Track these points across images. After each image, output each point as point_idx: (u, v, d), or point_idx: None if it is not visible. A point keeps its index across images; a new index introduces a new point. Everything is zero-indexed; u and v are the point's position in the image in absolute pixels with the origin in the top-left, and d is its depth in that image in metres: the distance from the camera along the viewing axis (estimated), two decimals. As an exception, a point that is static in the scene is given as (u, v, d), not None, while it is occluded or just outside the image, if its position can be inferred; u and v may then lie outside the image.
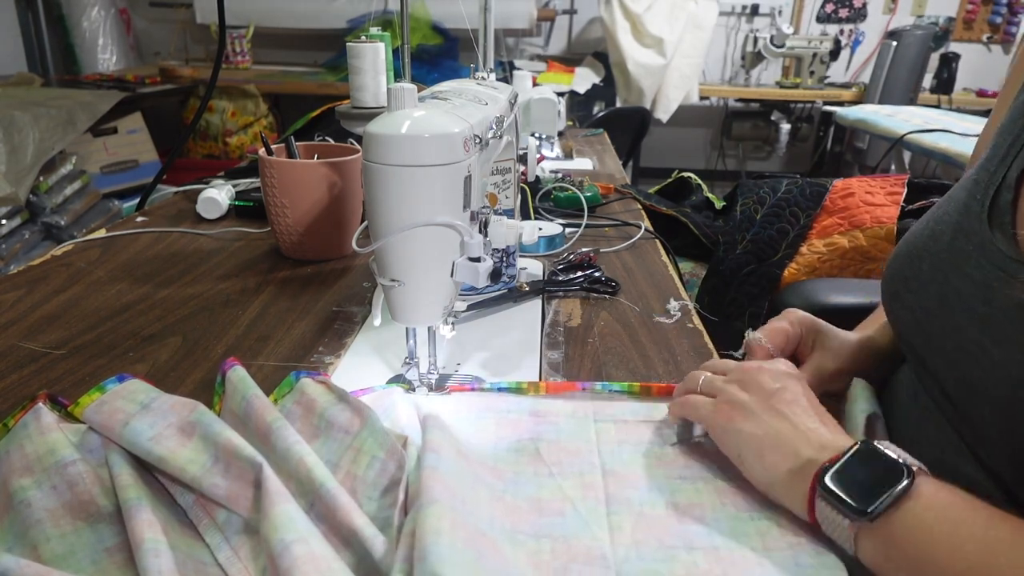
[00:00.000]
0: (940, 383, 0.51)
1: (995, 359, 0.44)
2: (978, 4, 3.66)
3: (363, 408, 0.51)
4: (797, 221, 1.18)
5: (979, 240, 0.49)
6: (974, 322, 0.47)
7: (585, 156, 1.67)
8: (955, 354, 0.48)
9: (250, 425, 0.49)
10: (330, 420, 0.51)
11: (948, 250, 0.51)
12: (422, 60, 3.18)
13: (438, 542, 0.38)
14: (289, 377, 0.55)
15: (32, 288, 0.80)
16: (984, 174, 0.53)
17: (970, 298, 0.48)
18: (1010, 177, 0.50)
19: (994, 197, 0.50)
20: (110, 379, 0.52)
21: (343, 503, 0.42)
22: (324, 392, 0.53)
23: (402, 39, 0.63)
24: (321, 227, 0.89)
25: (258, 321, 0.74)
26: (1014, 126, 0.53)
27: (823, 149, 3.67)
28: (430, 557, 0.37)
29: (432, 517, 0.40)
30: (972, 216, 0.51)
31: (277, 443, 0.46)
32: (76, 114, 2.25)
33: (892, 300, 0.58)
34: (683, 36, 3.31)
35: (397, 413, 0.55)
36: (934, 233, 0.54)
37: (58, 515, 0.43)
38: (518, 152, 0.82)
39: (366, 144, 0.51)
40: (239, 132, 3.08)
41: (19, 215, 2.08)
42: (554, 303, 0.81)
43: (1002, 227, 0.48)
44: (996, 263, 0.46)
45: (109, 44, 3.43)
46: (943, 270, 0.51)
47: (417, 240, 0.53)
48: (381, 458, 0.47)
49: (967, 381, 0.47)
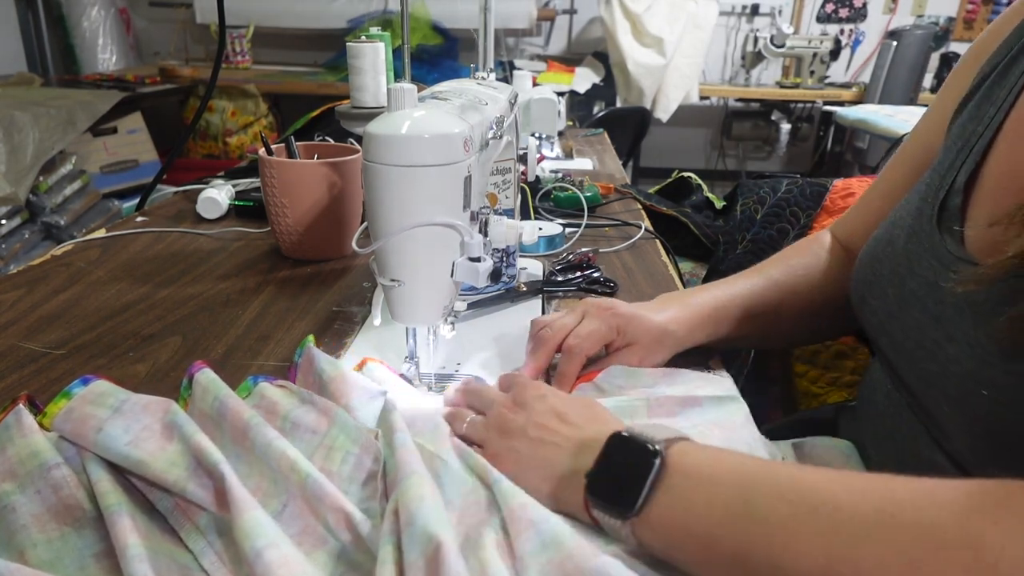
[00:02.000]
0: (904, 380, 0.53)
1: (948, 355, 0.46)
2: (978, 4, 3.66)
3: (330, 407, 0.50)
4: (797, 221, 1.18)
5: (930, 242, 0.51)
6: (929, 321, 0.49)
7: (585, 156, 1.67)
8: (915, 352, 0.50)
9: (225, 425, 0.48)
10: (295, 421, 0.50)
11: (903, 253, 0.54)
12: (422, 60, 3.17)
13: (423, 506, 0.39)
14: (246, 381, 0.55)
15: (32, 288, 0.80)
16: (936, 178, 0.55)
17: (924, 298, 0.50)
18: (959, 181, 0.52)
19: (944, 201, 0.52)
20: (74, 383, 0.50)
21: (330, 491, 0.42)
22: (285, 395, 0.52)
23: (402, 39, 0.63)
24: (321, 227, 0.89)
25: (258, 321, 0.74)
26: (964, 131, 0.55)
27: (823, 149, 3.67)
28: (419, 520, 0.38)
29: (413, 487, 0.40)
30: (924, 219, 0.53)
31: (257, 439, 0.46)
32: (76, 114, 2.25)
33: (859, 304, 0.60)
34: (683, 36, 3.31)
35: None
36: (891, 237, 0.56)
37: (43, 520, 0.42)
38: (518, 152, 0.82)
39: (366, 144, 0.51)
40: (239, 132, 3.08)
41: (19, 215, 2.08)
42: (554, 303, 0.81)
43: (950, 230, 0.50)
44: (944, 263, 0.49)
45: (109, 44, 3.43)
46: (900, 273, 0.53)
47: (417, 240, 0.53)
48: (355, 453, 0.47)
49: (926, 378, 0.49)
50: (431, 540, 0.37)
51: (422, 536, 0.37)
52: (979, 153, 0.52)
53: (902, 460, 0.54)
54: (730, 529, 0.37)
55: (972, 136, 0.54)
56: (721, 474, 0.40)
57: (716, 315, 0.65)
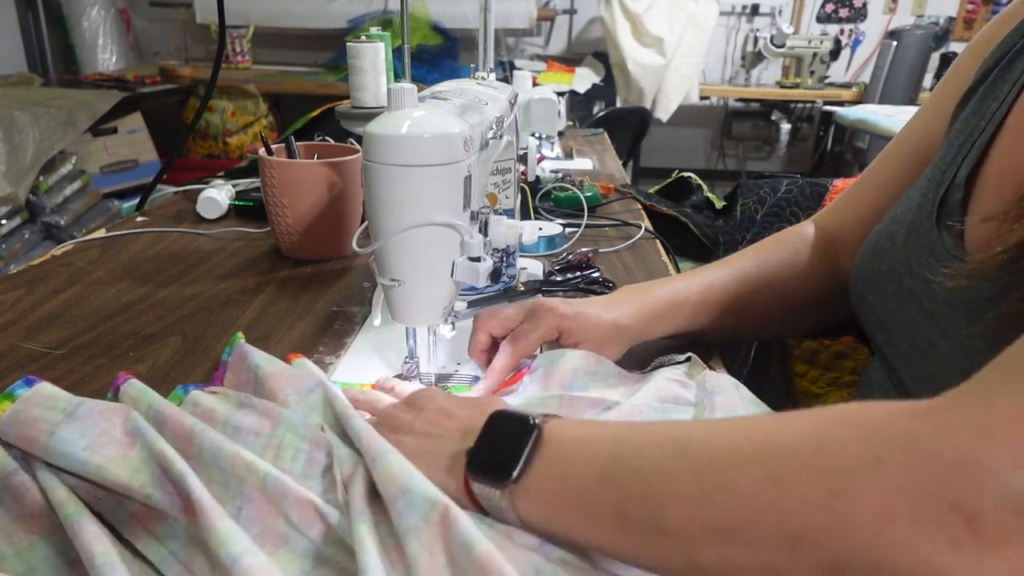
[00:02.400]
0: (901, 379, 0.53)
1: (942, 352, 0.46)
2: (978, 4, 3.66)
3: (271, 408, 0.49)
4: (797, 221, 1.17)
5: (928, 239, 0.51)
6: (924, 319, 0.49)
7: (585, 156, 1.67)
8: (911, 351, 0.50)
9: (166, 433, 0.46)
10: (236, 426, 0.49)
11: (902, 250, 0.53)
12: (422, 60, 3.17)
13: (413, 477, 0.39)
14: (175, 391, 0.53)
15: (32, 288, 0.80)
16: (936, 173, 0.55)
17: (920, 296, 0.50)
18: (960, 176, 0.52)
19: (944, 196, 0.52)
20: (17, 384, 0.48)
21: (293, 486, 0.41)
22: (220, 401, 0.52)
23: (402, 39, 0.63)
24: (321, 227, 0.89)
25: (258, 321, 0.74)
26: (965, 126, 0.55)
27: (823, 149, 3.67)
28: (415, 488, 0.38)
29: (396, 462, 0.40)
30: (924, 215, 0.53)
31: (204, 445, 0.44)
32: (76, 114, 2.25)
33: (858, 301, 0.59)
34: (683, 36, 3.31)
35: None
36: (891, 233, 0.56)
37: (10, 531, 0.40)
38: (518, 152, 0.82)
39: (366, 144, 0.51)
40: (239, 132, 3.08)
41: (19, 215, 2.08)
42: (554, 303, 0.80)
43: (948, 226, 0.50)
44: (941, 260, 0.49)
45: (109, 44, 3.43)
46: (898, 270, 0.53)
47: (417, 240, 0.53)
48: (306, 449, 0.46)
49: (921, 376, 0.49)
50: (435, 504, 0.37)
51: (423, 501, 0.37)
52: (981, 148, 0.52)
53: None
54: (607, 487, 0.37)
55: (974, 131, 0.53)
56: (595, 438, 0.40)
57: (675, 308, 0.65)
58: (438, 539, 0.37)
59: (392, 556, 0.38)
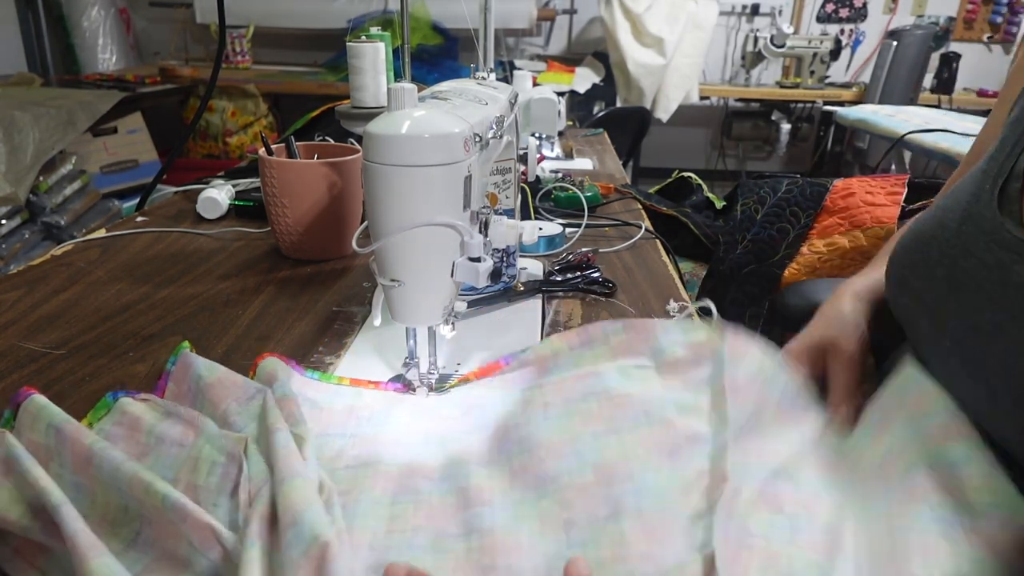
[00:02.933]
0: (948, 365, 0.52)
1: (1013, 336, 0.46)
2: (978, 4, 3.66)
3: (195, 418, 0.49)
4: (797, 221, 1.18)
5: (990, 226, 0.51)
6: (987, 303, 0.49)
7: (585, 156, 1.67)
8: (967, 333, 0.50)
9: (65, 453, 0.45)
10: (160, 436, 0.48)
11: (956, 236, 0.54)
12: (422, 60, 3.17)
13: (310, 508, 0.39)
14: (104, 399, 0.53)
15: (32, 288, 0.80)
16: (993, 165, 0.55)
17: (983, 280, 0.50)
18: (1019, 168, 0.53)
19: (1003, 187, 0.53)
20: None
21: (192, 509, 0.40)
22: (148, 409, 0.51)
23: (402, 39, 0.63)
24: (321, 227, 0.89)
25: (258, 321, 0.74)
26: (1021, 121, 0.56)
27: (823, 149, 3.67)
28: (305, 520, 0.38)
29: (298, 488, 0.40)
30: (982, 204, 0.53)
31: (103, 466, 0.43)
32: (76, 114, 2.25)
33: (899, 286, 0.60)
34: (683, 36, 3.31)
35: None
36: (941, 221, 0.57)
37: None
38: (518, 152, 0.82)
39: (366, 144, 0.51)
40: (239, 132, 3.08)
41: (19, 215, 2.08)
42: (554, 303, 0.80)
43: (1011, 214, 0.51)
44: (1009, 247, 0.49)
45: (109, 44, 3.43)
46: (951, 255, 0.53)
47: (417, 240, 0.53)
48: (222, 463, 0.45)
49: (978, 359, 0.49)
50: (317, 539, 0.37)
51: (309, 534, 0.37)
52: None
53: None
54: None
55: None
56: None
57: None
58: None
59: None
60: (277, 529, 0.39)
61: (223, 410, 0.51)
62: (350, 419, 0.56)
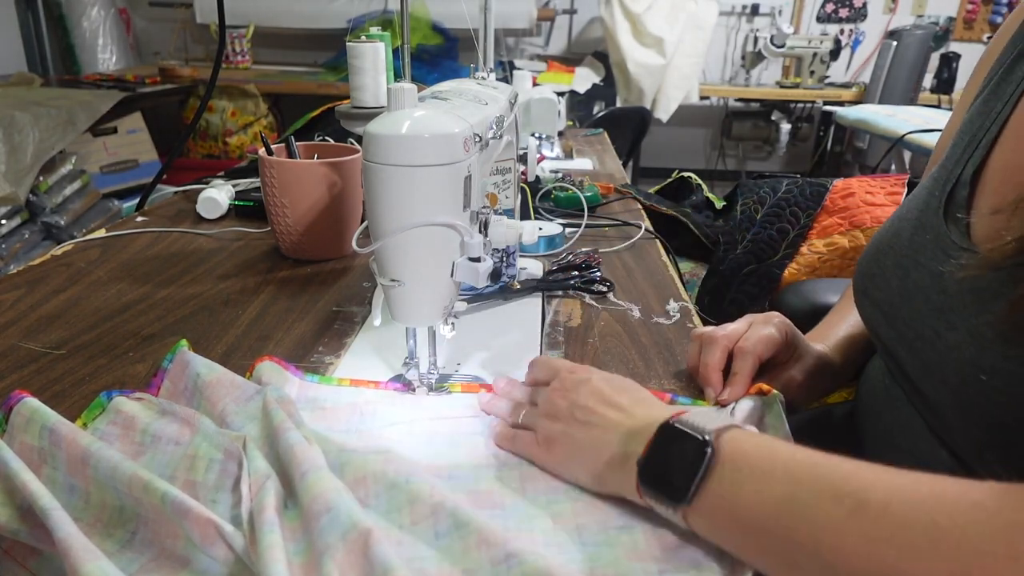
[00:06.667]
0: (905, 371, 0.54)
1: (948, 343, 0.47)
2: (978, 4, 3.66)
3: (192, 416, 0.49)
4: (797, 221, 1.18)
5: (935, 233, 0.52)
6: (931, 310, 0.50)
7: (585, 156, 1.67)
8: (916, 343, 0.51)
9: (60, 455, 0.44)
10: (156, 434, 0.48)
11: (909, 245, 0.55)
12: (422, 60, 3.17)
13: (341, 497, 0.39)
14: (99, 398, 0.53)
15: (32, 288, 0.80)
16: (943, 172, 0.56)
17: (927, 288, 0.51)
18: (966, 174, 0.53)
19: (951, 193, 0.53)
20: None
21: (193, 505, 0.40)
22: (143, 408, 0.51)
23: (402, 39, 0.63)
24: (321, 227, 0.89)
25: (258, 321, 0.74)
26: (971, 126, 0.56)
27: (823, 149, 3.67)
28: (340, 508, 0.38)
29: (325, 479, 0.40)
30: (930, 211, 0.54)
31: (100, 466, 0.43)
32: (76, 114, 2.25)
33: (861, 297, 0.61)
34: (683, 36, 3.31)
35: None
36: (897, 230, 0.57)
37: None
38: (518, 152, 0.82)
39: (366, 144, 0.51)
40: (239, 132, 3.08)
41: (19, 215, 2.08)
42: (554, 303, 0.80)
43: (956, 221, 0.51)
44: (949, 253, 0.50)
45: (109, 44, 3.43)
46: (904, 265, 0.54)
47: (417, 240, 0.53)
48: (220, 459, 0.45)
49: (926, 368, 0.50)
50: (356, 525, 0.37)
51: (346, 520, 0.37)
52: (986, 147, 0.53)
53: (901, 457, 0.54)
54: (778, 524, 0.38)
55: (979, 131, 0.54)
56: (770, 466, 0.40)
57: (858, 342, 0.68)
58: (353, 559, 0.36)
59: (296, 573, 0.37)
60: (290, 522, 0.40)
61: (220, 409, 0.51)
62: (353, 415, 0.56)
